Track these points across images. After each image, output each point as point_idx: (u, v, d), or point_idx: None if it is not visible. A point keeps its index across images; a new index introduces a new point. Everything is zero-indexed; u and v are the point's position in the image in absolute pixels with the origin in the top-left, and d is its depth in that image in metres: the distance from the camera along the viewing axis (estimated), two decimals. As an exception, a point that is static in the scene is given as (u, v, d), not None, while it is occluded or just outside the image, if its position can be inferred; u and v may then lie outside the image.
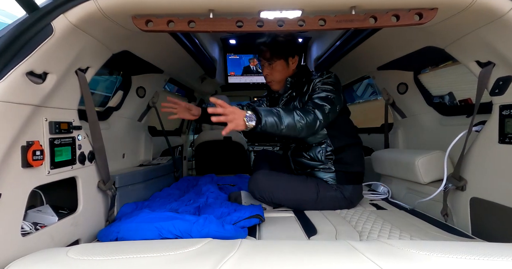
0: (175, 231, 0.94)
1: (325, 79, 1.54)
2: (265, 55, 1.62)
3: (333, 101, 1.48)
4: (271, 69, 1.65)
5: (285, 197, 1.55)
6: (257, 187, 1.53)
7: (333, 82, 1.54)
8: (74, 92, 1.12)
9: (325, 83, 1.53)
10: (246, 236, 1.12)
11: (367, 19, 1.05)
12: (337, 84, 1.55)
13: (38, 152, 0.90)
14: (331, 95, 1.49)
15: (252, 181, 1.55)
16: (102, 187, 1.24)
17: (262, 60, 1.66)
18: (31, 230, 0.92)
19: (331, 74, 1.56)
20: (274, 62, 1.62)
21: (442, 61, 1.63)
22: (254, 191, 1.54)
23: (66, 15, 0.92)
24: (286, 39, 1.62)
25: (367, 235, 1.16)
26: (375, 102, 2.90)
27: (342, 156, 1.59)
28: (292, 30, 1.09)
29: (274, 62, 1.62)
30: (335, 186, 1.57)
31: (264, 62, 1.66)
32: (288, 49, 1.62)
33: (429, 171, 1.52)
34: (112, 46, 1.25)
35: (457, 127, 1.53)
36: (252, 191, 1.55)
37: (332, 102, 1.47)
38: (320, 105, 1.44)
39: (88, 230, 1.17)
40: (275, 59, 1.62)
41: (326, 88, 1.51)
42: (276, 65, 1.63)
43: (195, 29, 1.05)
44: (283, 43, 1.61)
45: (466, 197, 1.23)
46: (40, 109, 0.94)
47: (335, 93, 1.51)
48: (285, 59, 1.63)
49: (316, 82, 1.54)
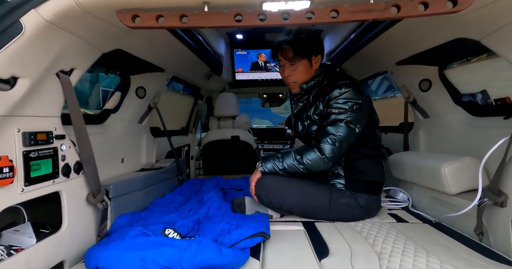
0: (162, 262, 0.81)
1: (341, 97, 1.37)
2: (287, 54, 1.47)
3: (347, 125, 1.35)
4: (293, 70, 1.50)
5: (296, 203, 1.42)
6: (265, 192, 1.41)
7: (351, 98, 1.36)
8: (56, 97, 1.01)
9: (340, 103, 1.36)
10: (248, 258, 0.99)
11: (388, 8, 0.88)
12: (356, 100, 1.36)
13: (6, 168, 0.79)
14: (345, 119, 1.35)
15: (261, 185, 1.42)
16: (91, 200, 1.13)
17: (282, 60, 1.51)
18: (3, 256, 0.82)
19: (350, 90, 1.37)
20: (297, 62, 1.48)
21: (474, 55, 1.44)
22: (262, 196, 1.42)
23: (38, 11, 0.80)
24: (309, 36, 1.48)
25: (387, 259, 1.01)
26: (392, 100, 2.70)
27: (354, 163, 1.46)
28: (299, 24, 0.95)
29: (297, 62, 1.48)
30: (348, 193, 1.43)
31: (285, 62, 1.51)
32: (312, 47, 1.48)
33: (458, 180, 1.34)
34: (101, 45, 1.13)
35: (491, 129, 1.35)
36: (259, 196, 1.43)
37: (346, 127, 1.35)
38: (325, 137, 1.36)
39: (75, 249, 1.06)
40: (299, 58, 1.47)
41: (341, 110, 1.36)
42: (299, 65, 1.48)
43: (188, 25, 0.92)
44: (306, 41, 1.46)
45: (507, 215, 1.05)
46: (9, 119, 0.83)
47: (350, 114, 1.35)
48: (308, 58, 1.48)
49: (332, 97, 1.38)
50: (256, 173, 1.47)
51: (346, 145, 1.38)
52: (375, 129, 1.52)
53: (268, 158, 1.47)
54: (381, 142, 1.56)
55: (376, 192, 1.49)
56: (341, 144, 1.36)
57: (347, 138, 1.36)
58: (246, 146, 3.02)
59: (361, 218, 1.44)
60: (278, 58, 1.53)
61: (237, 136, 2.97)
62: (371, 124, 1.49)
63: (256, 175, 1.47)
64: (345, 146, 1.38)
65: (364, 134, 1.44)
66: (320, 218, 1.44)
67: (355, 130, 1.37)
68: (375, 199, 1.48)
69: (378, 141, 1.54)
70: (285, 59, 1.50)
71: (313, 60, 1.50)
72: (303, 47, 1.46)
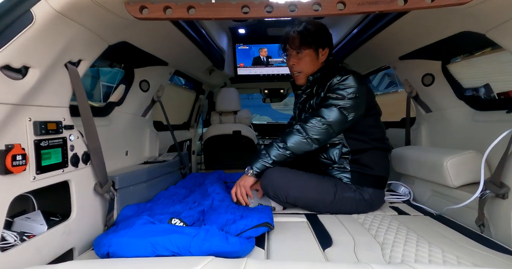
0: (171, 248, 0.83)
1: (340, 83, 1.40)
2: (294, 42, 1.50)
3: (340, 111, 1.37)
4: (299, 59, 1.52)
5: (301, 196, 1.43)
6: (271, 184, 1.41)
7: (350, 85, 1.39)
8: (65, 87, 1.02)
9: (340, 89, 1.39)
10: (253, 247, 1.01)
11: (395, 0, 0.89)
12: (354, 87, 1.38)
13: (20, 156, 0.80)
14: (340, 105, 1.37)
15: (266, 177, 1.43)
16: (99, 190, 1.15)
17: (289, 49, 1.54)
18: (16, 242, 0.84)
19: (349, 77, 1.39)
20: (303, 51, 1.50)
21: (479, 48, 1.44)
22: (267, 189, 1.43)
23: (48, 1, 0.81)
24: (317, 28, 1.51)
25: (390, 249, 1.03)
26: (394, 95, 2.71)
27: (360, 157, 1.46)
28: (305, 16, 0.95)
29: (303, 51, 1.50)
30: (353, 187, 1.44)
31: (291, 51, 1.53)
32: (319, 38, 1.50)
33: (460, 173, 1.35)
34: (107, 36, 1.14)
35: (494, 123, 1.36)
36: (265, 189, 1.44)
37: (338, 113, 1.37)
38: (314, 118, 1.39)
39: (83, 237, 1.08)
40: (305, 47, 1.49)
41: (338, 95, 1.38)
42: (305, 55, 1.51)
43: (195, 16, 0.92)
44: (314, 31, 1.49)
45: (508, 207, 1.07)
46: (21, 108, 0.84)
47: (348, 101, 1.37)
48: (315, 49, 1.50)
49: (332, 84, 1.42)
50: (247, 179, 1.44)
51: (333, 131, 1.39)
52: (378, 120, 1.54)
53: (254, 159, 1.46)
54: (385, 134, 1.58)
55: (381, 186, 1.50)
56: (328, 128, 1.37)
57: (335, 124, 1.38)
58: (247, 141, 3.03)
59: (364, 211, 1.46)
60: (286, 48, 1.55)
61: (239, 131, 2.98)
62: (373, 114, 1.50)
63: (248, 181, 1.44)
64: (332, 131, 1.39)
65: (367, 124, 1.46)
66: (324, 211, 1.46)
67: (347, 118, 1.38)
68: (379, 193, 1.49)
69: (382, 133, 1.56)
70: (291, 48, 1.52)
71: (320, 53, 1.51)
72: (310, 36, 1.47)
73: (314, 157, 1.56)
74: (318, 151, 1.51)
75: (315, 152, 1.52)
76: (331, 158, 1.49)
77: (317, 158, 1.54)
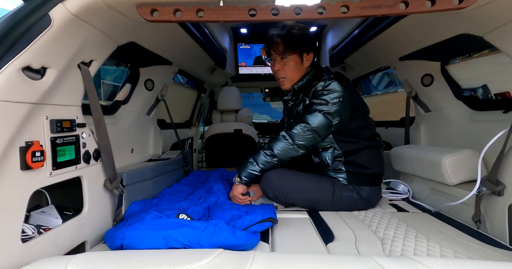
0: (183, 240, 0.87)
1: (324, 89, 1.41)
2: (278, 47, 1.50)
3: (325, 116, 1.39)
4: (283, 65, 1.52)
5: (300, 197, 1.47)
6: (270, 186, 1.45)
7: (334, 90, 1.40)
8: (77, 87, 1.05)
9: (323, 94, 1.40)
10: (259, 241, 1.05)
11: (397, 4, 0.93)
12: (338, 92, 1.39)
13: (38, 153, 0.84)
14: (324, 110, 1.38)
15: (265, 180, 1.46)
16: (108, 186, 1.19)
17: (273, 54, 1.53)
18: (34, 234, 0.88)
19: (332, 82, 1.41)
20: (287, 56, 1.50)
21: (477, 50, 1.48)
22: (267, 191, 1.47)
23: (64, 4, 0.84)
24: (302, 33, 1.50)
25: (390, 244, 1.07)
26: (394, 95, 2.74)
27: (353, 158, 1.49)
28: (310, 19, 0.99)
29: (287, 56, 1.50)
30: (351, 187, 1.47)
31: (275, 56, 1.53)
32: (304, 43, 1.50)
33: (457, 171, 1.39)
34: (117, 37, 1.17)
35: (491, 123, 1.40)
36: (265, 190, 1.48)
37: (323, 118, 1.39)
38: (299, 124, 1.41)
39: (95, 231, 1.12)
40: (289, 53, 1.49)
41: (322, 101, 1.40)
42: (289, 60, 1.51)
43: (204, 19, 0.96)
44: (298, 36, 1.48)
45: (504, 204, 1.11)
46: (39, 107, 0.88)
47: (331, 106, 1.38)
48: (299, 54, 1.51)
49: (316, 90, 1.43)
50: (237, 188, 1.47)
51: (318, 136, 1.41)
52: (367, 119, 1.55)
53: (242, 167, 1.47)
54: (375, 131, 1.60)
55: (377, 183, 1.53)
56: (313, 134, 1.40)
57: (320, 129, 1.40)
58: (248, 139, 3.07)
59: (363, 209, 1.49)
60: (270, 53, 1.54)
61: (240, 130, 3.02)
62: (361, 115, 1.51)
63: (238, 189, 1.47)
64: (317, 136, 1.41)
65: (355, 126, 1.48)
66: (324, 210, 1.48)
67: (332, 122, 1.40)
68: (376, 190, 1.52)
69: (373, 131, 1.58)
70: (276, 53, 1.51)
71: (305, 58, 1.52)
72: (294, 42, 1.47)
73: (308, 161, 1.59)
74: (311, 155, 1.55)
75: (308, 156, 1.55)
76: (325, 162, 1.51)
77: (311, 162, 1.57)
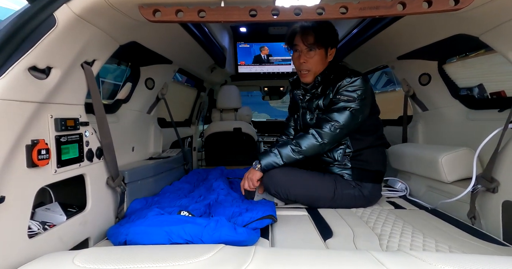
0: (185, 236, 0.90)
1: (350, 85, 1.43)
2: (308, 39, 1.48)
3: (352, 114, 1.42)
4: (310, 57, 1.51)
5: (301, 194, 1.49)
6: (272, 183, 1.47)
7: (360, 87, 1.43)
8: (80, 86, 1.07)
9: (349, 91, 1.43)
10: (259, 237, 1.08)
11: (395, 5, 0.95)
12: (363, 89, 1.43)
13: (44, 151, 0.86)
14: (352, 107, 1.41)
15: (268, 175, 1.48)
16: (111, 183, 1.21)
17: (300, 45, 1.51)
18: (39, 230, 0.90)
19: (358, 79, 1.44)
20: (316, 49, 1.50)
21: (473, 50, 1.50)
22: (269, 186, 1.49)
23: (69, 5, 0.86)
24: (331, 27, 1.52)
25: (387, 240, 1.10)
26: (392, 93, 2.77)
27: (360, 153, 1.52)
28: (310, 20, 1.01)
29: (316, 49, 1.50)
30: (353, 183, 1.49)
31: (302, 48, 1.51)
32: (332, 38, 1.51)
33: (454, 169, 1.42)
34: (119, 37, 1.19)
35: (487, 122, 1.42)
36: (267, 187, 1.50)
37: (350, 115, 1.41)
38: (328, 123, 1.43)
39: (98, 228, 1.14)
40: (318, 46, 1.49)
41: (350, 98, 1.42)
42: (317, 54, 1.51)
43: (206, 19, 0.97)
44: (328, 31, 1.49)
45: (498, 200, 1.14)
46: (44, 106, 0.90)
47: (358, 103, 1.42)
48: (326, 48, 1.52)
49: (342, 86, 1.44)
50: (255, 173, 1.48)
51: (345, 132, 1.44)
52: (378, 118, 1.59)
53: (264, 155, 1.48)
54: (383, 131, 1.63)
55: (379, 180, 1.56)
56: (342, 131, 1.42)
57: (348, 126, 1.43)
58: (248, 138, 3.09)
59: (362, 206, 1.51)
60: (295, 43, 1.53)
61: (239, 128, 3.04)
62: (375, 113, 1.55)
63: (256, 175, 1.48)
64: (345, 132, 1.44)
65: (369, 123, 1.51)
66: (323, 207, 1.50)
67: (358, 119, 1.43)
68: (377, 188, 1.55)
69: (382, 130, 1.61)
70: (304, 44, 1.50)
71: (329, 52, 1.53)
72: (325, 35, 1.48)
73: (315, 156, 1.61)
74: None
75: None
76: (334, 157, 1.53)
77: (319, 157, 1.58)
